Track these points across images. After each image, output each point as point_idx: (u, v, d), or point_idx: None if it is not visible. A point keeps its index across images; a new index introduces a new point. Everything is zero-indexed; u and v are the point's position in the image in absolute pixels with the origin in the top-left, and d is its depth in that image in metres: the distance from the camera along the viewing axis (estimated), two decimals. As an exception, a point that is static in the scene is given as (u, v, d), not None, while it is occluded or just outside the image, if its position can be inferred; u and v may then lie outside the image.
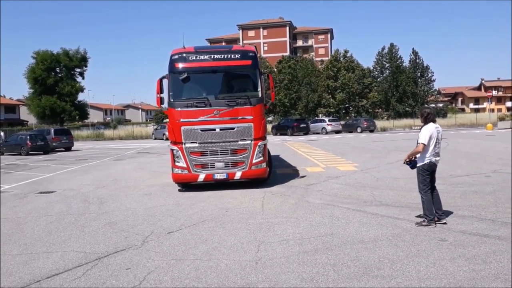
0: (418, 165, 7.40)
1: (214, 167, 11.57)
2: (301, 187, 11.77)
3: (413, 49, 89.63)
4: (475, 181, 11.59)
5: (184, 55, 11.67)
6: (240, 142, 11.61)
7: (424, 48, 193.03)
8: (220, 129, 11.51)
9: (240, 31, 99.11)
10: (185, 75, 11.47)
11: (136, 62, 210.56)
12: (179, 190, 11.90)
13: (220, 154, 11.55)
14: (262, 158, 11.82)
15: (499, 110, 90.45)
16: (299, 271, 5.39)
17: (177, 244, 6.80)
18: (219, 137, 11.51)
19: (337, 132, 46.63)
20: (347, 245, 6.37)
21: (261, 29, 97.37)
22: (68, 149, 33.68)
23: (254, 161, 11.69)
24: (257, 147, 11.69)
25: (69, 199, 11.31)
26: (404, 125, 54.51)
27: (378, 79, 74.57)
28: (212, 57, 11.72)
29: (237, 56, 11.84)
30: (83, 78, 67.68)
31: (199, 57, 11.69)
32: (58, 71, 64.97)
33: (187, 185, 12.12)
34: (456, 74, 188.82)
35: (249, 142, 11.66)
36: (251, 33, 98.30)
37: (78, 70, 66.57)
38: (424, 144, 7.21)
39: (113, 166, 19.83)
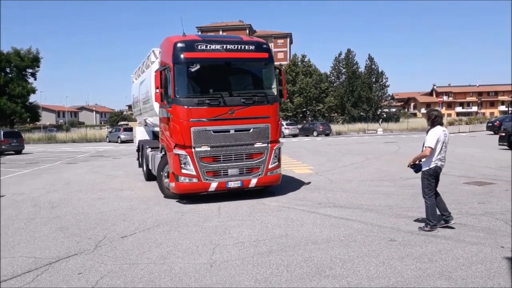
0: (423, 169, 7.18)
1: (227, 174, 10.11)
2: (257, 190, 11.80)
3: (369, 55, 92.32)
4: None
5: (192, 43, 9.98)
6: (256, 145, 10.32)
7: (379, 55, 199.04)
8: (235, 131, 10.08)
9: (199, 33, 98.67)
10: (197, 66, 9.70)
11: (90, 63, 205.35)
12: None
13: (235, 160, 10.15)
14: (277, 163, 10.73)
15: (449, 115, 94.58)
16: (254, 273, 5.45)
17: (130, 248, 6.70)
18: (234, 140, 10.10)
19: (294, 135, 47.20)
20: (301, 246, 6.49)
21: (221, 32, 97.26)
22: (19, 152, 32.33)
23: (270, 166, 10.49)
24: (274, 150, 10.52)
25: (18, 204, 10.88)
26: (358, 129, 55.89)
27: (335, 84, 76.27)
28: (224, 47, 10.09)
29: (252, 47, 10.41)
30: (35, 79, 65.23)
31: (210, 47, 10.01)
32: (8, 71, 62.23)
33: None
34: (409, 80, 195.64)
35: (266, 145, 10.41)
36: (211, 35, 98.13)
37: (30, 70, 64.06)
38: (432, 148, 6.99)
39: (65, 170, 19.23)
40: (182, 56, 9.78)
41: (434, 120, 7.16)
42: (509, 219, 7.65)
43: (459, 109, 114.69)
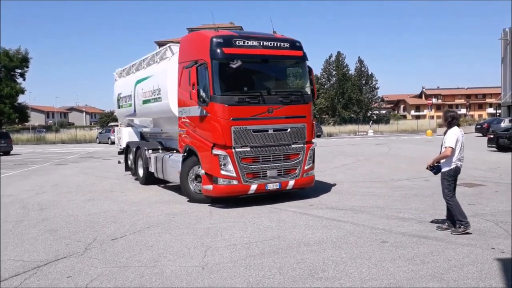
0: (443, 170, 7.07)
1: (266, 176, 9.78)
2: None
3: (359, 57, 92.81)
4: (415, 185, 12.11)
5: (230, 38, 9.66)
6: (293, 146, 10.07)
7: (369, 57, 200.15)
8: (274, 130, 9.81)
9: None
10: (238, 62, 9.27)
11: (80, 63, 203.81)
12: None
13: (273, 160, 9.86)
14: (312, 164, 10.52)
15: (438, 117, 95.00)
16: (246, 275, 5.41)
17: (121, 251, 6.62)
18: (272, 140, 9.81)
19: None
20: (293, 248, 6.46)
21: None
22: (7, 153, 31.97)
23: (305, 167, 10.25)
24: (309, 151, 10.32)
25: (6, 206, 10.72)
26: (349, 131, 56.14)
27: (325, 86, 76.54)
28: (261, 43, 9.84)
29: (287, 45, 10.21)
30: (24, 79, 64.70)
31: (247, 43, 9.71)
32: (-3, 71, 61.70)
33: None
34: (398, 82, 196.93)
35: (302, 145, 10.19)
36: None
37: (19, 71, 63.54)
38: (453, 148, 6.89)
39: (54, 171, 19.04)
40: (221, 51, 9.40)
41: (452, 122, 7.10)
42: (499, 220, 7.69)
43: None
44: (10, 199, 11.75)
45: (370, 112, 79.03)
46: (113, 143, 42.43)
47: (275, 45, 10.03)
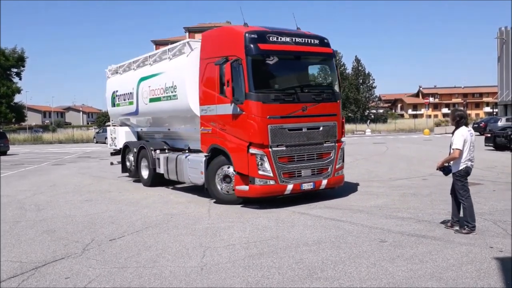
0: (453, 171, 7.02)
1: (301, 176, 9.58)
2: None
3: (355, 57, 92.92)
4: (413, 184, 12.12)
5: (264, 34, 9.41)
6: (325, 145, 9.92)
7: (366, 56, 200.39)
8: (307, 129, 9.64)
9: (187, 33, 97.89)
10: (275, 59, 9.26)
11: (77, 63, 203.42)
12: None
13: (307, 160, 9.68)
14: (342, 163, 10.42)
15: (436, 116, 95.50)
16: (245, 276, 5.39)
17: (119, 251, 6.59)
18: (306, 139, 9.62)
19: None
20: (292, 248, 6.45)
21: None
22: (4, 153, 31.86)
23: (337, 166, 10.12)
24: (340, 150, 10.23)
25: (4, 206, 10.67)
26: (347, 130, 55.92)
27: (323, 85, 76.49)
28: (293, 40, 9.66)
29: (317, 41, 10.02)
30: (20, 79, 64.35)
31: (280, 39, 9.50)
32: (-7, 71, 61.39)
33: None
34: (396, 82, 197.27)
35: (333, 144, 10.07)
36: (198, 36, 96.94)
37: (15, 70, 63.18)
38: (460, 150, 6.83)
39: (51, 171, 18.98)
40: (257, 47, 9.14)
41: (460, 121, 7.01)
42: (497, 219, 7.70)
43: (445, 110, 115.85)
44: (7, 199, 11.70)
45: (368, 111, 79.09)
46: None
47: (306, 41, 9.88)
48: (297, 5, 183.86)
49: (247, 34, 9.22)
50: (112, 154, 16.29)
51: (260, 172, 9.13)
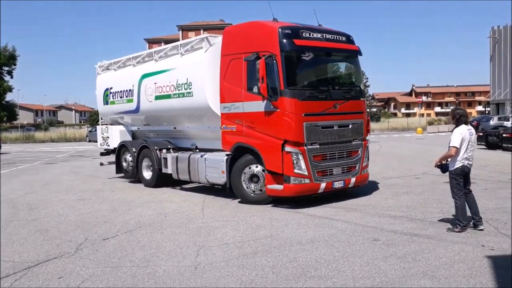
0: (450, 169, 7.06)
1: (332, 174, 9.52)
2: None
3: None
4: (406, 183, 12.18)
5: (297, 29, 9.29)
6: (353, 143, 9.95)
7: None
8: (338, 126, 9.60)
9: (180, 31, 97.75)
10: (310, 55, 9.17)
11: (69, 61, 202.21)
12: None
13: (338, 158, 9.64)
14: (368, 161, 10.46)
15: (428, 115, 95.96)
16: (239, 275, 5.40)
17: (112, 251, 6.58)
18: (337, 136, 9.58)
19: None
20: (286, 247, 6.47)
21: (202, 31, 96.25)
22: (-5, 152, 31.62)
23: (363, 164, 10.17)
24: (366, 148, 10.26)
25: (-5, 206, 10.61)
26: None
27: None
28: (324, 36, 9.59)
29: (344, 38, 10.05)
30: (11, 77, 63.79)
31: (312, 35, 9.41)
32: (-17, 69, 60.84)
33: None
34: (389, 80, 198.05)
35: (360, 142, 10.09)
36: (191, 34, 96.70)
37: (6, 68, 62.57)
38: (456, 148, 6.86)
39: (44, 170, 18.87)
40: (292, 43, 8.99)
41: (459, 119, 7.03)
42: (489, 217, 7.72)
43: (437, 109, 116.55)
44: (-1, 199, 11.62)
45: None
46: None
47: (335, 38, 9.87)
48: (289, 3, 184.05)
49: (281, 30, 9.06)
50: (102, 154, 15.73)
51: (296, 171, 8.98)
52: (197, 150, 11.61)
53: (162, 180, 12.52)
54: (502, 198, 9.55)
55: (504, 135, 21.50)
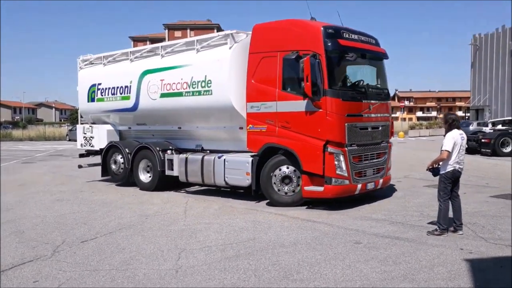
0: (441, 172, 7.12)
1: (366, 175, 9.51)
2: (226, 191, 11.68)
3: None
4: (387, 186, 12.24)
5: (339, 30, 9.35)
6: (382, 144, 10.03)
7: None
8: (371, 128, 9.66)
9: (166, 30, 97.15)
10: (353, 56, 9.32)
11: (50, 57, 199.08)
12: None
13: (370, 159, 9.67)
14: (390, 163, 10.58)
15: (410, 119, 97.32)
16: (221, 278, 5.35)
17: (91, 253, 6.45)
18: (370, 138, 9.62)
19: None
20: (268, 250, 6.44)
21: (188, 30, 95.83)
22: (-30, 150, 30.90)
23: (388, 166, 10.29)
24: (391, 149, 10.43)
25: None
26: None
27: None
28: (359, 38, 9.68)
29: (374, 41, 10.18)
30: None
31: (351, 36, 9.47)
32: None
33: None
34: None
35: (387, 144, 10.22)
36: (178, 33, 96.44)
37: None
38: (448, 151, 6.92)
39: (21, 170, 18.48)
40: (337, 43, 8.99)
41: (452, 124, 7.12)
42: (467, 221, 7.74)
43: (419, 113, 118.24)
44: (-26, 199, 11.32)
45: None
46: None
47: (368, 40, 9.99)
48: (278, 5, 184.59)
49: (325, 29, 9.02)
50: (82, 155, 14.65)
51: (338, 172, 8.89)
52: (208, 151, 11.23)
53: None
54: (480, 202, 9.68)
55: (483, 140, 21.85)
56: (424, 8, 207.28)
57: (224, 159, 10.35)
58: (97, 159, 14.12)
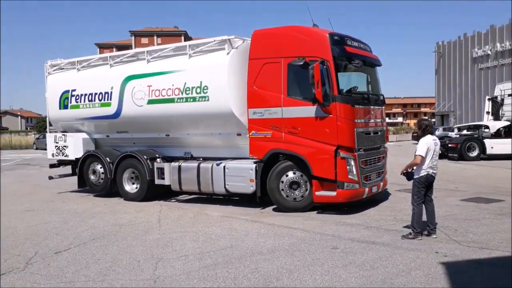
0: (414, 177, 7.25)
1: (371, 179, 9.72)
2: (200, 199, 11.62)
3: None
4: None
5: (343, 37, 9.56)
6: (381, 149, 10.33)
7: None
8: (373, 133, 9.97)
9: (133, 37, 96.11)
10: (360, 62, 9.54)
11: (14, 64, 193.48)
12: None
13: (373, 163, 9.88)
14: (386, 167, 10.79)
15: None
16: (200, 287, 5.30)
17: (66, 265, 6.29)
18: (373, 142, 9.92)
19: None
20: (247, 257, 6.42)
21: (155, 37, 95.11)
22: None
23: (385, 169, 10.58)
24: (387, 154, 10.69)
25: None
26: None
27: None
28: (359, 45, 10.00)
29: (369, 48, 10.51)
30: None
31: (354, 43, 9.75)
32: None
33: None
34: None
35: (384, 148, 10.53)
36: (145, 40, 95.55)
37: None
38: (422, 156, 7.05)
39: (-13, 180, 17.87)
40: (344, 50, 9.26)
41: (425, 129, 7.27)
42: (440, 225, 7.92)
43: (386, 119, 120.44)
44: None
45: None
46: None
47: (365, 47, 10.30)
48: (231, 11, 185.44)
49: (331, 36, 9.22)
50: (52, 166, 13.86)
51: (350, 176, 9.02)
52: (201, 159, 10.99)
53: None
54: (451, 205, 9.92)
55: (449, 145, 22.45)
56: (389, 17, 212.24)
57: (224, 166, 10.19)
58: (68, 169, 13.63)
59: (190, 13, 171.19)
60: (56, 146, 13.38)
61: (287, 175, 9.59)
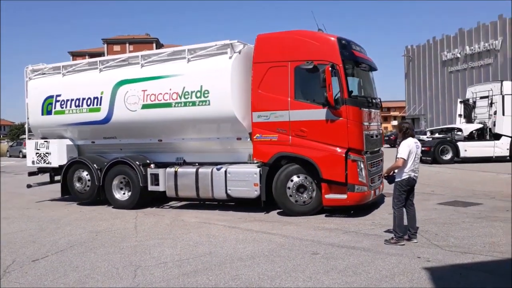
0: (396, 180, 7.25)
1: (375, 181, 9.78)
2: (175, 206, 11.53)
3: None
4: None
5: (349, 42, 9.71)
6: (379, 152, 10.50)
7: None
8: (375, 136, 10.11)
9: (105, 45, 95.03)
10: (367, 66, 9.95)
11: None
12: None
13: (376, 166, 9.98)
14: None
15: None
16: (181, 295, 5.24)
17: (44, 273, 6.15)
18: (375, 145, 10.09)
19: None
20: (227, 264, 6.37)
21: (127, 44, 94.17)
22: None
23: (382, 173, 10.62)
24: (383, 156, 10.80)
25: None
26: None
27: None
28: (361, 49, 10.22)
29: (366, 52, 10.66)
30: None
31: (357, 47, 9.96)
32: None
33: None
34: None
35: (381, 152, 10.65)
36: (117, 47, 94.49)
37: None
38: (404, 159, 7.06)
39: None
40: (353, 54, 9.48)
41: (406, 132, 7.30)
42: (420, 229, 7.88)
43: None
44: None
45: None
46: (25, 156, 39.69)
47: (365, 51, 10.48)
48: (200, 17, 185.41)
49: (339, 40, 9.35)
50: (31, 174, 13.27)
51: (360, 179, 9.08)
52: (196, 164, 10.77)
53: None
54: (428, 209, 9.99)
55: (423, 148, 22.74)
56: (357, 21, 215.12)
57: (225, 171, 10.06)
58: (46, 177, 13.15)
59: (160, 21, 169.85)
60: (37, 153, 12.82)
61: (293, 180, 9.59)
